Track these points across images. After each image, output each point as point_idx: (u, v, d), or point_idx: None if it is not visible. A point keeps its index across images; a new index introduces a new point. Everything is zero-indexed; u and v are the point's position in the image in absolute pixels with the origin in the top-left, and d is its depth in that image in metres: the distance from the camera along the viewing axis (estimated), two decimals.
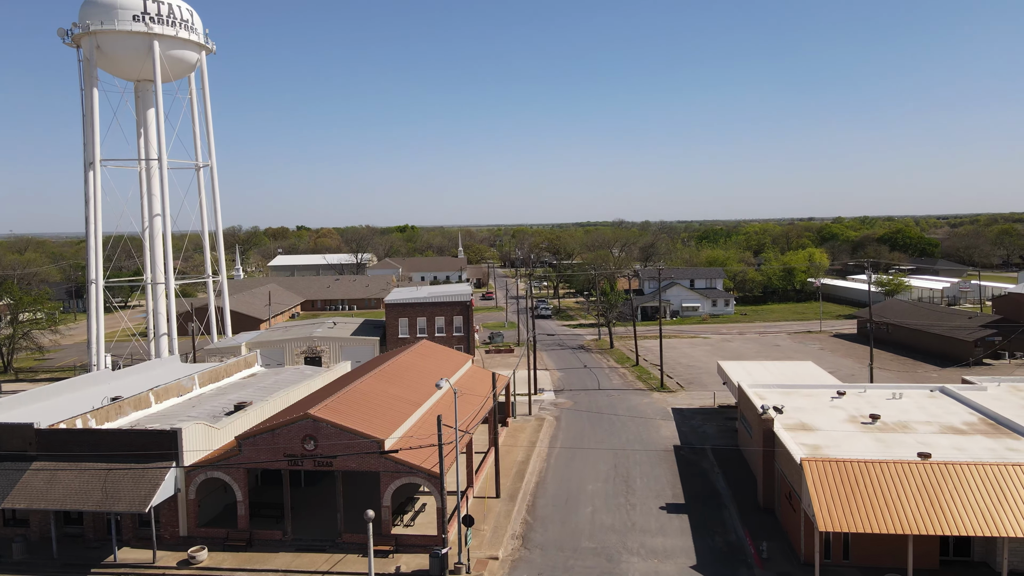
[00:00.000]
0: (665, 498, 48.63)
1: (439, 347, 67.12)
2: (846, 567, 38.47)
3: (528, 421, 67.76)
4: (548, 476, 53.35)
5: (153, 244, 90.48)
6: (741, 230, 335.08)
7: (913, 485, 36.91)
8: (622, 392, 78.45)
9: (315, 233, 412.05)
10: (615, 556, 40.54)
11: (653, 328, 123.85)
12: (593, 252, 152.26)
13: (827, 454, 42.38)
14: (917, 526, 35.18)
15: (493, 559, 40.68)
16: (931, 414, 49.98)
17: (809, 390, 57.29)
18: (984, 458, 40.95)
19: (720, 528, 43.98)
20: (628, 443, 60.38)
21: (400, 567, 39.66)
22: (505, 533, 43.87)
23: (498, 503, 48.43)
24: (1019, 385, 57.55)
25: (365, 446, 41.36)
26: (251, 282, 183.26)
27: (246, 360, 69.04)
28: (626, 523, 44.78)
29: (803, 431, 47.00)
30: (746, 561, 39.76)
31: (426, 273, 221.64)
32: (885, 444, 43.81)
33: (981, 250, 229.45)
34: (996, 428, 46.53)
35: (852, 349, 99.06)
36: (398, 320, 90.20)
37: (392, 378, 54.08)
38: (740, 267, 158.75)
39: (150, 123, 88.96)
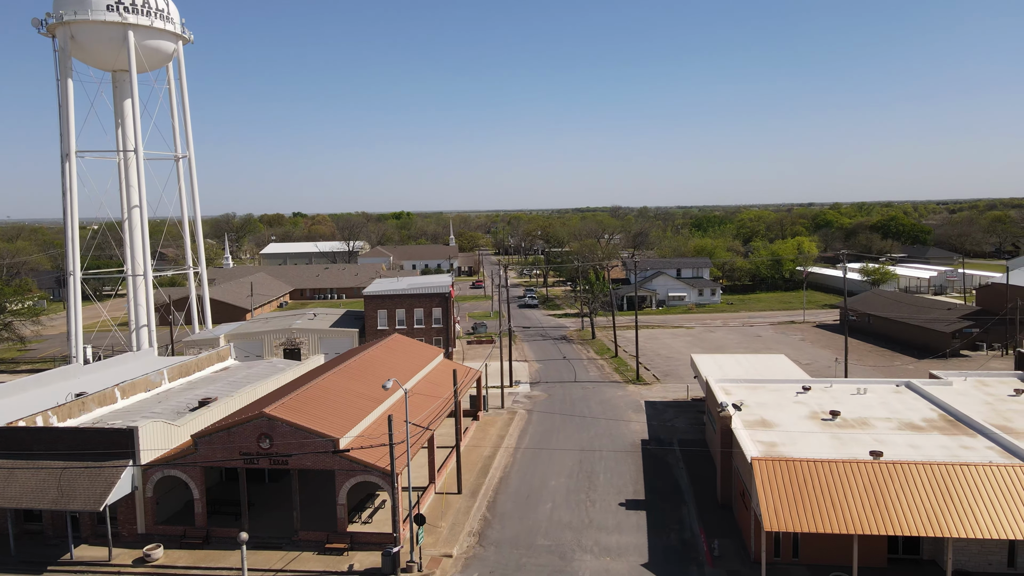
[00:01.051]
0: (626, 494, 48.81)
1: (410, 341, 67.11)
2: (795, 565, 38.67)
3: (500, 415, 67.89)
4: (512, 471, 53.53)
5: (132, 235, 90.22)
6: (736, 218, 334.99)
7: (861, 485, 37.01)
8: (597, 385, 78.58)
9: (309, 220, 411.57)
10: (568, 554, 40.74)
11: (640, 318, 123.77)
12: (579, 241, 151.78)
13: (782, 452, 42.52)
14: (863, 526, 35.31)
15: (447, 556, 40.89)
16: (893, 410, 50.06)
17: (776, 385, 57.37)
18: (937, 456, 41.08)
19: (677, 525, 44.17)
20: (597, 437, 60.53)
21: (353, 565, 39.87)
22: (463, 530, 44.06)
23: (459, 499, 48.61)
24: (985, 380, 57.62)
25: (320, 444, 41.44)
26: (240, 270, 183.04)
27: (219, 354, 69.06)
28: (584, 520, 44.97)
29: (763, 428, 47.09)
30: (698, 559, 39.96)
31: (417, 261, 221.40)
32: (841, 441, 43.90)
33: (973, 238, 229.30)
34: (954, 425, 46.61)
35: (832, 340, 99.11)
36: (377, 312, 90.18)
37: (356, 374, 54.11)
38: (728, 256, 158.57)
39: (127, 114, 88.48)
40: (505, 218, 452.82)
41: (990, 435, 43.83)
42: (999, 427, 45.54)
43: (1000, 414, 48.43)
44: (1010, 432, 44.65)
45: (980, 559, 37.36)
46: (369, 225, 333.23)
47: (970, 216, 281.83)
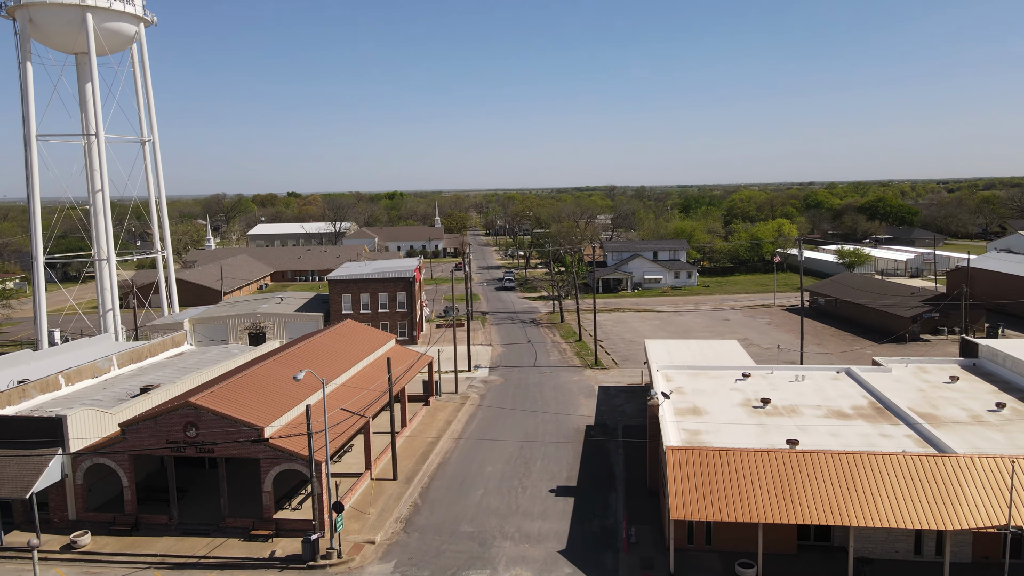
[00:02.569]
0: (559, 481, 49.38)
1: (361, 327, 67.42)
2: (708, 552, 39.27)
3: (453, 400, 68.40)
4: (452, 457, 54.09)
5: (97, 219, 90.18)
6: (728, 198, 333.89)
7: (770, 474, 37.48)
8: (556, 369, 79.06)
9: (302, 201, 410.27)
10: (489, 540, 41.35)
11: (613, 301, 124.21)
12: (558, 223, 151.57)
13: (704, 440, 43.02)
14: (768, 515, 35.84)
15: (370, 543, 41.50)
16: (825, 397, 50.51)
17: (717, 371, 57.80)
18: (854, 444, 41.58)
19: (602, 512, 44.75)
20: (543, 423, 61.06)
21: (275, 552, 40.48)
22: (390, 516, 44.66)
23: (393, 485, 49.19)
24: (926, 366, 58.03)
25: (246, 433, 41.88)
26: (222, 252, 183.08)
27: (174, 339, 69.42)
28: (511, 507, 45.56)
29: (692, 415, 47.58)
30: (615, 546, 40.57)
31: (403, 243, 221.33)
32: (764, 429, 44.38)
33: (959, 219, 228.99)
34: (881, 412, 47.08)
35: (798, 324, 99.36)
36: (341, 296, 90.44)
37: (299, 360, 54.46)
38: (708, 238, 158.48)
39: (89, 98, 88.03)
40: (501, 198, 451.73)
41: (912, 423, 44.32)
42: (924, 415, 46.02)
43: (930, 401, 48.88)
44: (934, 420, 45.14)
45: (887, 547, 37.94)
46: (359, 205, 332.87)
47: (959, 197, 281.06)
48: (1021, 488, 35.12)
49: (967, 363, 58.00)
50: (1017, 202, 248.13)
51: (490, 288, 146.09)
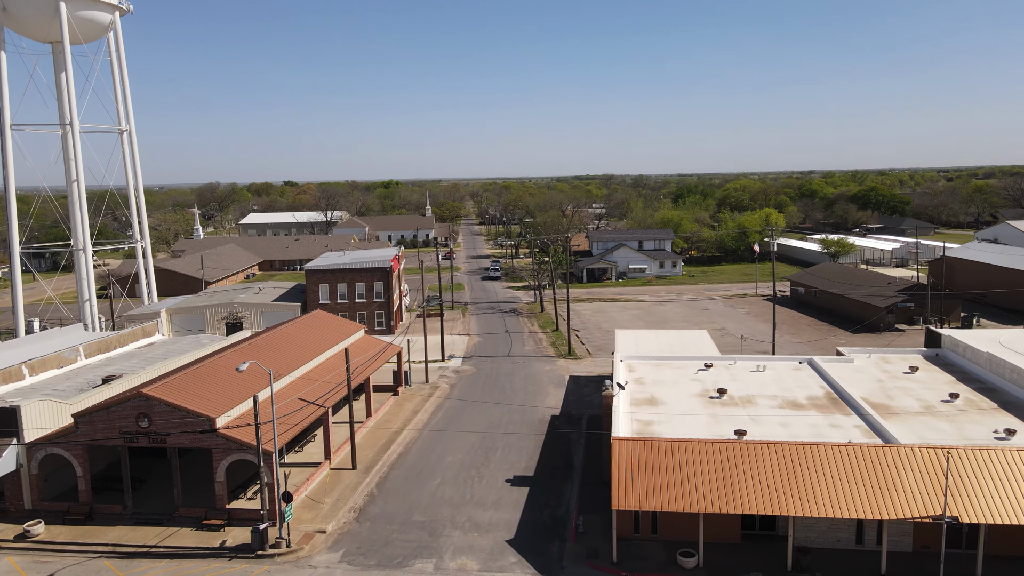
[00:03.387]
0: (516, 471, 49.65)
1: (330, 317, 67.56)
2: (653, 541, 39.56)
3: (422, 390, 68.62)
4: (414, 447, 54.37)
5: (72, 209, 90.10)
6: (723, 187, 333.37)
7: (713, 464, 37.70)
8: (529, 359, 79.26)
9: (296, 190, 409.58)
10: (439, 530, 41.64)
11: (596, 291, 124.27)
12: (544, 212, 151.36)
13: (654, 431, 43.24)
14: (709, 505, 36.10)
15: (321, 532, 41.78)
16: (783, 388, 50.69)
17: (681, 362, 57.96)
18: (802, 435, 41.77)
19: (555, 502, 45.02)
20: (509, 413, 61.30)
21: (226, 541, 40.77)
22: (345, 506, 44.94)
23: (352, 475, 49.47)
24: (889, 356, 58.21)
25: (197, 424, 42.09)
26: (210, 241, 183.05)
27: (144, 329, 69.57)
28: (465, 496, 45.84)
29: (648, 406, 47.79)
30: (563, 535, 40.86)
31: (393, 232, 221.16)
32: (716, 420, 44.57)
33: (950, 208, 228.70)
34: (835, 403, 47.27)
35: (778, 313, 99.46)
36: (318, 286, 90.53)
37: (261, 351, 54.61)
38: (695, 227, 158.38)
39: (63, 87, 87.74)
40: (497, 187, 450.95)
41: (863, 414, 44.52)
42: (878, 405, 46.20)
43: (886, 392, 49.05)
44: (886, 411, 45.33)
45: (829, 536, 38.23)
46: (353, 194, 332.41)
47: (953, 186, 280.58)
48: (957, 478, 35.37)
49: (930, 354, 58.15)
50: (1010, 191, 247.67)
51: (475, 278, 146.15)
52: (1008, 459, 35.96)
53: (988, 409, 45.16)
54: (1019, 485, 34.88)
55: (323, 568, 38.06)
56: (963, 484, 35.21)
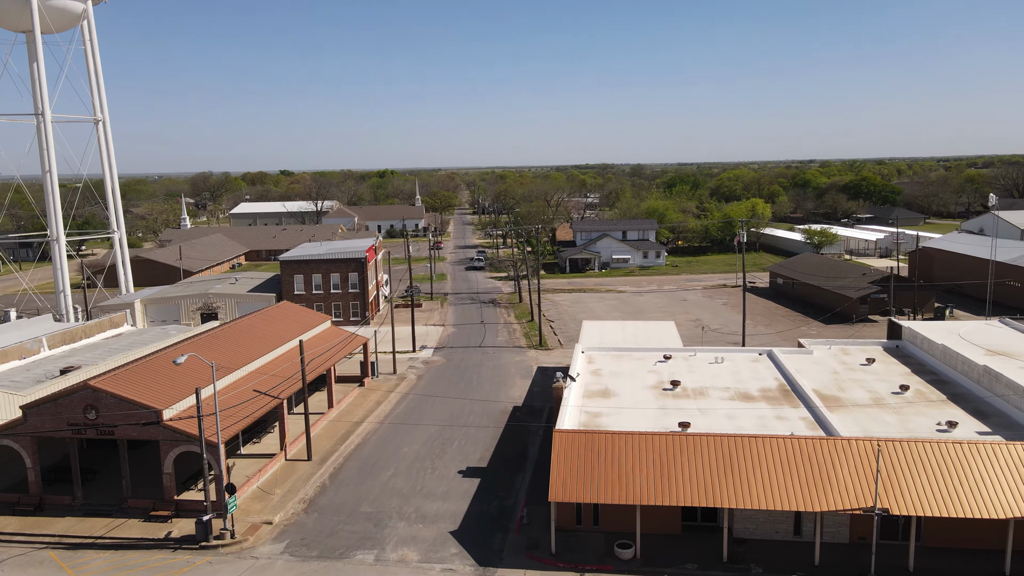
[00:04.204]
0: (471, 462, 49.83)
1: (297, 308, 67.61)
2: (595, 533, 39.75)
3: (389, 380, 68.76)
4: (372, 438, 54.53)
5: (47, 200, 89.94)
6: (717, 176, 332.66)
7: (651, 457, 37.82)
8: (500, 350, 79.37)
9: (290, 179, 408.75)
10: (384, 521, 41.85)
11: (578, 281, 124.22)
12: (529, 203, 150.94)
13: (601, 423, 43.37)
14: (646, 497, 36.25)
15: (267, 523, 41.99)
16: (738, 380, 50.79)
17: (641, 353, 58.05)
18: (747, 427, 41.93)
19: (505, 493, 45.19)
20: (472, 403, 61.45)
21: (171, 532, 40.98)
22: (295, 497, 45.14)
23: (306, 466, 49.66)
24: (849, 348, 58.30)
25: (144, 415, 42.20)
26: (197, 231, 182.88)
27: (111, 320, 69.62)
28: (416, 488, 46.03)
29: (600, 398, 47.90)
30: (508, 526, 41.05)
31: (383, 221, 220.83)
32: (664, 412, 44.69)
33: (940, 198, 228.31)
34: (786, 395, 47.39)
35: (755, 304, 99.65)
36: (293, 277, 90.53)
37: (221, 342, 54.71)
38: (681, 217, 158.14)
39: (36, 76, 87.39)
40: (493, 177, 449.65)
41: (811, 406, 44.63)
42: (828, 397, 46.34)
43: (839, 384, 49.17)
44: (835, 403, 45.46)
45: (768, 527, 38.43)
46: (347, 183, 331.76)
47: (945, 176, 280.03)
48: (891, 471, 35.50)
49: (890, 345, 58.25)
50: (1000, 181, 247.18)
51: (460, 268, 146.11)
52: (940, 452, 36.09)
53: (937, 401, 45.30)
54: (950, 477, 35.04)
55: (265, 559, 38.27)
56: (896, 476, 35.36)
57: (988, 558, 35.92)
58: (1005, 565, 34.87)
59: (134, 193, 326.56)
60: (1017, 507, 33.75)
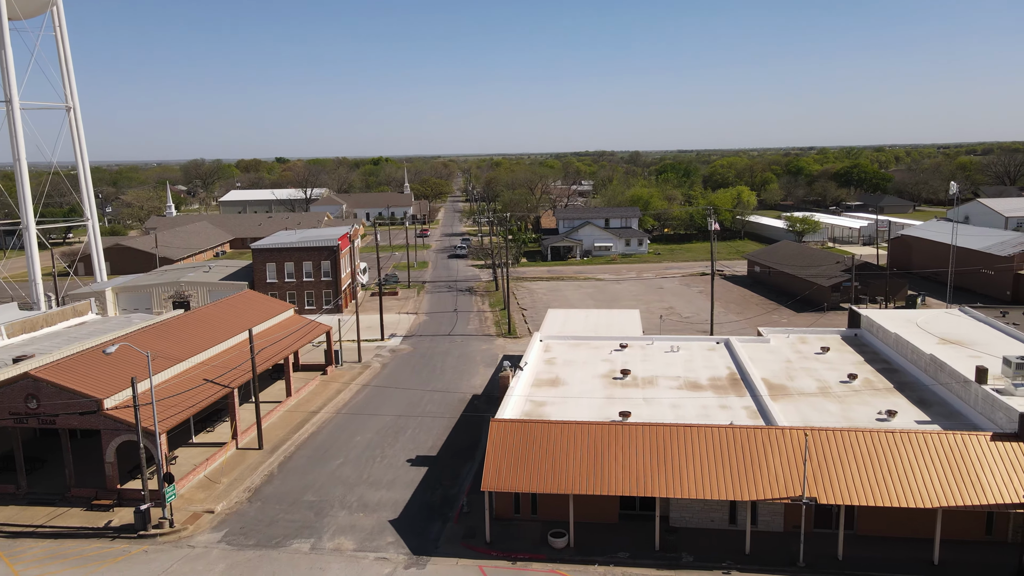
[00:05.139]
0: (422, 451, 49.83)
1: (260, 296, 67.45)
2: (533, 522, 39.79)
3: (352, 369, 68.71)
4: (327, 428, 54.51)
5: (17, 188, 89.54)
6: (712, 163, 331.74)
7: (585, 446, 37.78)
8: (468, 338, 79.28)
9: (283, 166, 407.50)
10: (326, 510, 41.87)
11: (558, 269, 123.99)
12: (512, 191, 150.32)
13: (545, 412, 43.29)
14: (579, 486, 36.24)
15: (209, 512, 42.02)
16: (690, 368, 50.67)
17: (599, 342, 57.94)
18: (688, 417, 41.83)
19: (450, 482, 45.21)
20: (432, 392, 61.41)
21: (112, 521, 41.01)
22: (241, 486, 45.16)
23: (257, 455, 49.65)
24: (807, 336, 58.18)
25: (85, 404, 42.12)
26: (183, 219, 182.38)
27: (75, 308, 69.40)
28: (362, 476, 46.05)
29: (549, 387, 47.82)
30: (447, 515, 41.08)
31: (371, 209, 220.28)
32: (609, 401, 44.58)
33: (930, 186, 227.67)
34: (735, 384, 47.29)
35: (730, 292, 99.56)
36: (265, 265, 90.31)
37: (175, 331, 54.60)
38: (665, 204, 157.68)
39: (3, 63, 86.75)
40: (488, 164, 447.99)
41: (756, 395, 44.54)
42: (776, 386, 46.25)
43: (789, 373, 49.04)
44: (782, 392, 45.37)
45: (703, 516, 38.45)
46: (339, 170, 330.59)
47: (937, 163, 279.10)
48: (822, 460, 35.47)
49: (849, 333, 58.13)
50: (992, 168, 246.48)
51: (443, 256, 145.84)
52: (871, 441, 36.05)
53: (883, 390, 45.22)
54: (881, 466, 35.01)
55: (201, 548, 38.30)
56: (827, 466, 35.34)
57: (920, 547, 35.98)
58: (934, 554, 34.91)
59: (126, 180, 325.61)
60: (945, 496, 33.76)
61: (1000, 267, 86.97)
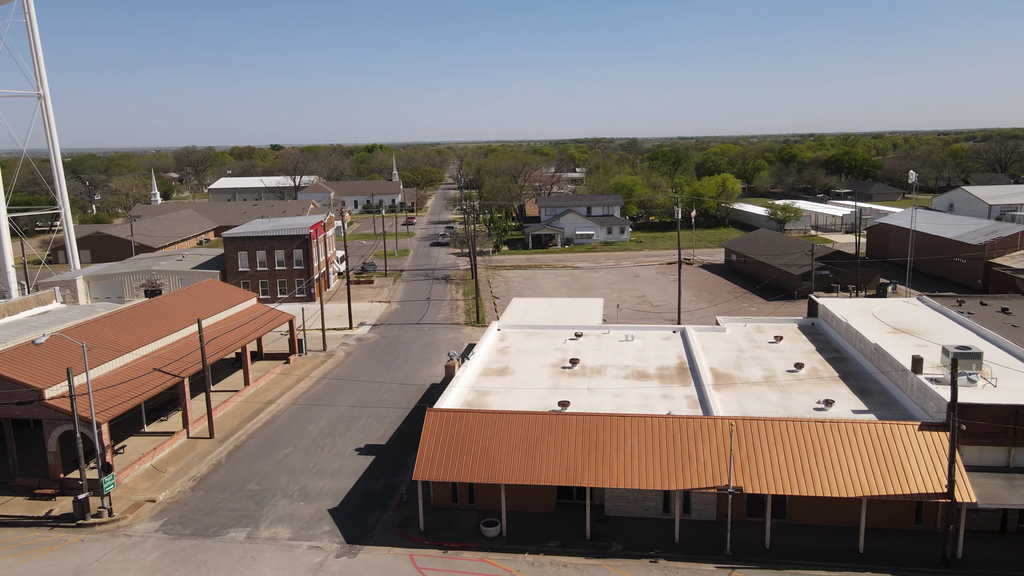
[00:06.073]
0: (372, 440, 49.96)
1: (221, 286, 67.38)
2: (470, 510, 39.95)
3: (317, 357, 68.76)
4: (282, 416, 54.63)
5: None
6: (705, 151, 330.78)
7: (519, 436, 37.85)
8: (436, 326, 79.31)
9: (276, 153, 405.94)
10: (267, 499, 42.02)
11: (537, 257, 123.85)
12: (495, 179, 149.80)
13: (487, 402, 43.32)
14: (511, 476, 36.35)
15: (150, 501, 42.17)
16: (640, 358, 50.67)
17: (556, 331, 57.89)
18: (629, 407, 41.82)
19: (395, 471, 45.34)
20: (392, 381, 61.49)
21: (52, 510, 41.16)
22: (186, 475, 45.29)
23: (207, 444, 49.76)
24: (763, 325, 58.16)
25: (27, 394, 42.17)
26: (167, 207, 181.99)
27: (39, 297, 69.32)
28: (308, 465, 46.19)
29: (496, 376, 47.82)
30: (388, 504, 41.25)
31: (359, 197, 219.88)
32: (553, 391, 44.57)
33: (918, 173, 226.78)
34: (682, 374, 47.30)
35: (705, 280, 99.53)
36: (237, 254, 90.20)
37: (130, 320, 54.59)
38: (649, 192, 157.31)
39: None
40: (483, 151, 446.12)
41: (700, 385, 44.55)
42: (722, 376, 46.28)
43: (738, 363, 49.03)
44: (728, 381, 45.39)
45: (638, 505, 38.62)
46: (332, 157, 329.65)
47: (928, 150, 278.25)
48: (751, 449, 35.56)
49: (806, 322, 58.12)
50: (984, 155, 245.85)
51: (426, 243, 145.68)
52: (799, 431, 36.14)
53: (827, 379, 45.26)
54: (808, 456, 35.11)
55: (137, 537, 38.47)
56: (756, 455, 35.43)
57: (849, 535, 36.15)
58: (859, 543, 35.07)
59: (117, 168, 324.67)
60: (870, 486, 33.88)
61: (971, 256, 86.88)
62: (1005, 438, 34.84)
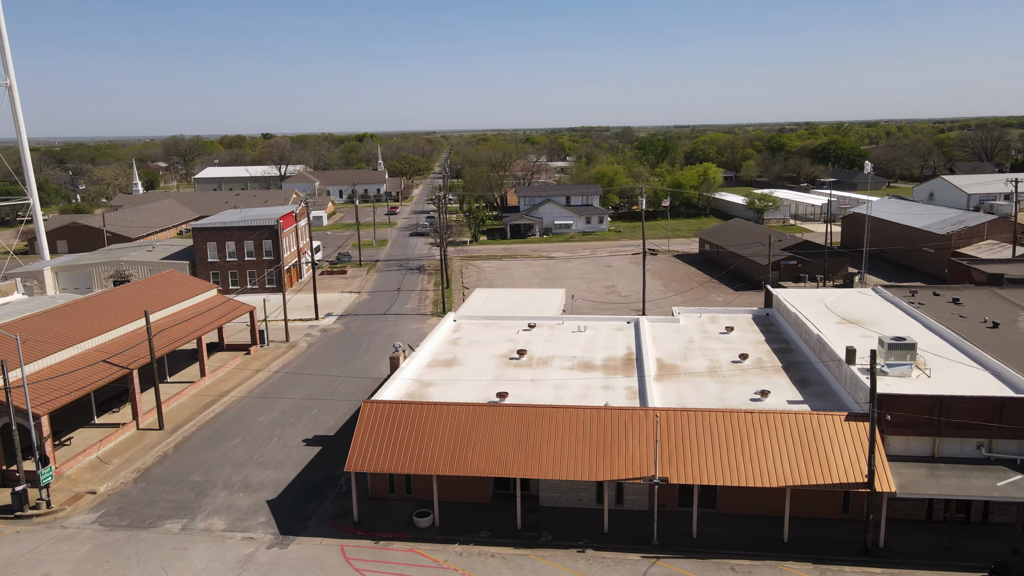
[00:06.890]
0: (321, 431, 50.08)
1: (181, 276, 67.29)
2: (406, 501, 40.15)
3: (278, 348, 68.79)
4: (235, 408, 54.71)
5: None
6: (695, 139, 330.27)
7: (453, 427, 37.99)
8: (403, 317, 79.38)
9: (264, 143, 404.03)
10: (208, 490, 42.15)
11: (514, 247, 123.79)
12: (474, 167, 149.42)
13: (428, 393, 43.44)
14: (442, 467, 36.52)
15: (91, 493, 42.28)
16: (589, 349, 50.79)
17: (510, 322, 57.97)
18: (568, 398, 41.96)
19: (340, 462, 45.32)
20: (348, 372, 61.58)
21: None
22: (131, 467, 45.38)
23: (156, 435, 49.85)
24: (718, 316, 58.33)
25: None
26: (148, 197, 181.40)
27: (1, 289, 69.19)
28: (253, 456, 46.32)
29: (443, 367, 47.93)
30: (327, 495, 41.41)
31: (344, 186, 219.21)
32: (496, 382, 44.69)
33: (904, 162, 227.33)
34: (628, 365, 47.47)
35: (677, 270, 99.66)
36: (206, 244, 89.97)
37: (84, 311, 54.52)
38: (630, 182, 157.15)
39: None
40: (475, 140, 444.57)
41: (642, 376, 44.74)
42: (667, 367, 46.45)
43: (685, 354, 49.19)
44: (670, 372, 45.55)
45: (571, 496, 38.86)
46: (321, 146, 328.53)
47: (915, 139, 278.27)
48: (677, 440, 35.76)
49: (760, 313, 58.31)
50: (970, 144, 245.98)
51: (405, 233, 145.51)
52: (726, 421, 36.34)
53: (769, 369, 45.46)
54: (734, 446, 35.32)
55: (73, 529, 38.58)
56: (682, 446, 35.62)
57: (777, 524, 36.39)
58: (784, 532, 35.36)
59: (104, 157, 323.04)
60: (794, 476, 34.13)
61: (937, 246, 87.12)
62: (930, 428, 35.10)
